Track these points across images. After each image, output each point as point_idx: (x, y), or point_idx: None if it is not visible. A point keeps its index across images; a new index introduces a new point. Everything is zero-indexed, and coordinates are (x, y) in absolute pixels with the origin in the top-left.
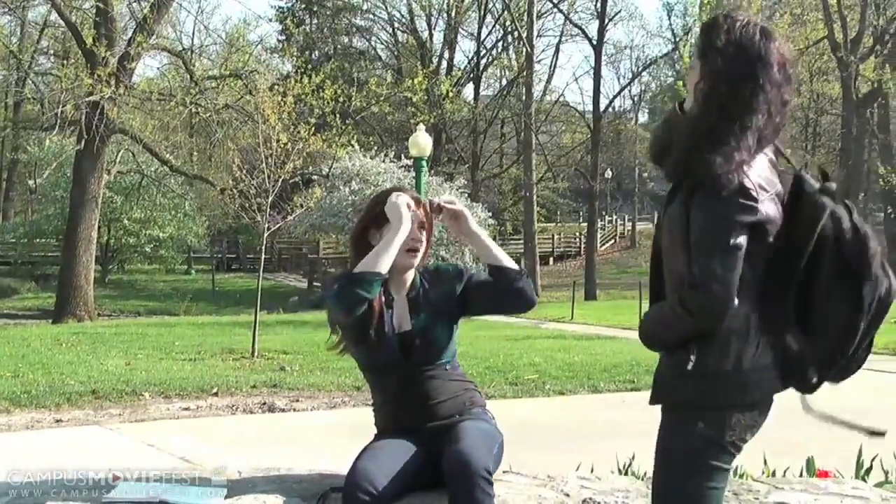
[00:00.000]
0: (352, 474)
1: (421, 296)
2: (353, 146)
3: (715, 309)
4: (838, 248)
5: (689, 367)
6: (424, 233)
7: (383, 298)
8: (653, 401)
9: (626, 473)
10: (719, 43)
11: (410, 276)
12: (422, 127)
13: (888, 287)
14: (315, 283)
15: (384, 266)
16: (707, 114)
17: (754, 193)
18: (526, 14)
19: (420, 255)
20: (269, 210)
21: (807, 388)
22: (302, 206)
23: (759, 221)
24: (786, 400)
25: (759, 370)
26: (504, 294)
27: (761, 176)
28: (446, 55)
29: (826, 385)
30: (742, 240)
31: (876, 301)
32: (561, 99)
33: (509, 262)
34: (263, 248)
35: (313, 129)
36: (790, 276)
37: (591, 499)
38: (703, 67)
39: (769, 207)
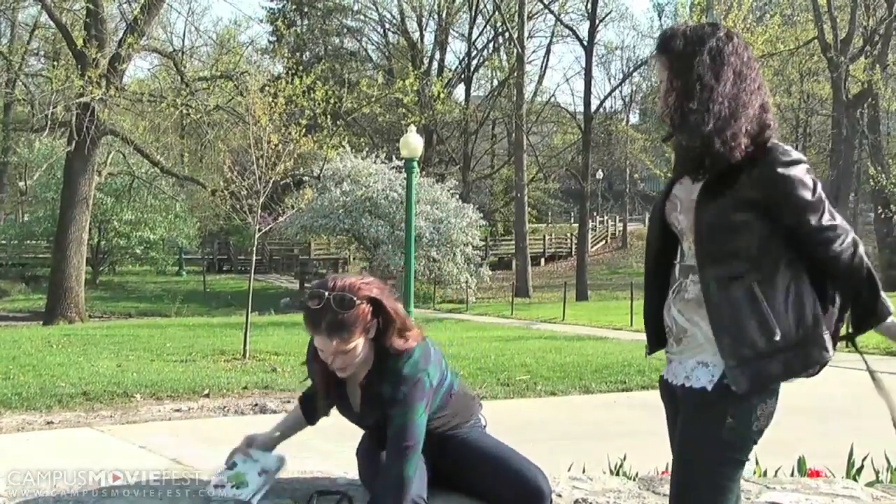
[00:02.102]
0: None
1: (372, 390)
2: (344, 147)
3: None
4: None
5: (777, 338)
6: (340, 358)
7: (335, 381)
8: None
9: (617, 474)
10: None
11: (369, 362)
12: (413, 128)
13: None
14: (306, 285)
15: None
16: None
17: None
18: (517, 15)
19: (346, 373)
20: (260, 211)
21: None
22: (293, 207)
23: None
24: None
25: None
26: None
27: None
28: (437, 56)
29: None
30: None
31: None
32: (552, 100)
33: None
34: (255, 249)
35: (304, 130)
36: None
37: (583, 499)
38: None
39: None
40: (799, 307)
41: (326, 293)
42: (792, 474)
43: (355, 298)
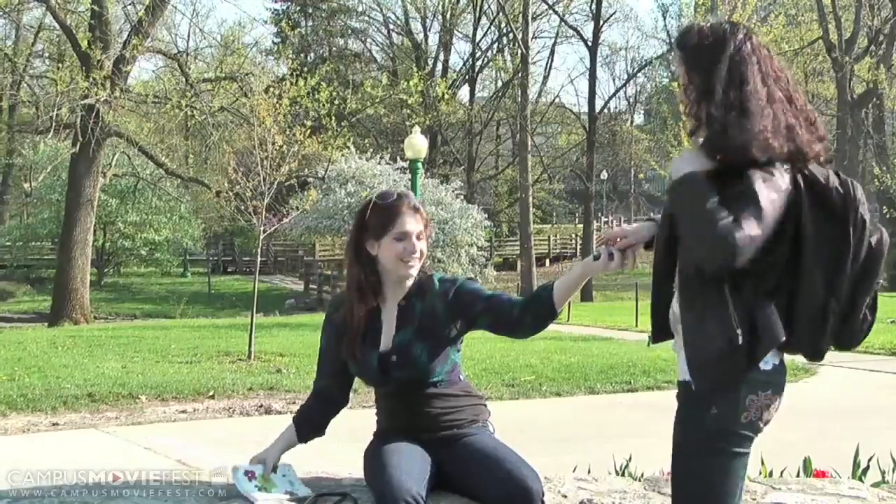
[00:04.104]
0: (390, 489)
1: (410, 308)
2: (348, 148)
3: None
4: (821, 200)
5: (740, 341)
6: (422, 242)
7: (371, 309)
8: (702, 386)
9: (622, 474)
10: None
11: (409, 283)
12: (417, 129)
13: (879, 237)
14: (311, 286)
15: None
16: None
17: None
18: (521, 16)
19: (416, 266)
20: (264, 212)
21: (811, 353)
22: (298, 208)
23: None
24: (783, 400)
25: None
26: (521, 324)
27: None
28: (441, 57)
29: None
30: None
31: (866, 248)
32: (556, 100)
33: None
34: (259, 250)
35: (309, 131)
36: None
37: (588, 500)
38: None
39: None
40: (757, 307)
41: (397, 192)
42: (798, 475)
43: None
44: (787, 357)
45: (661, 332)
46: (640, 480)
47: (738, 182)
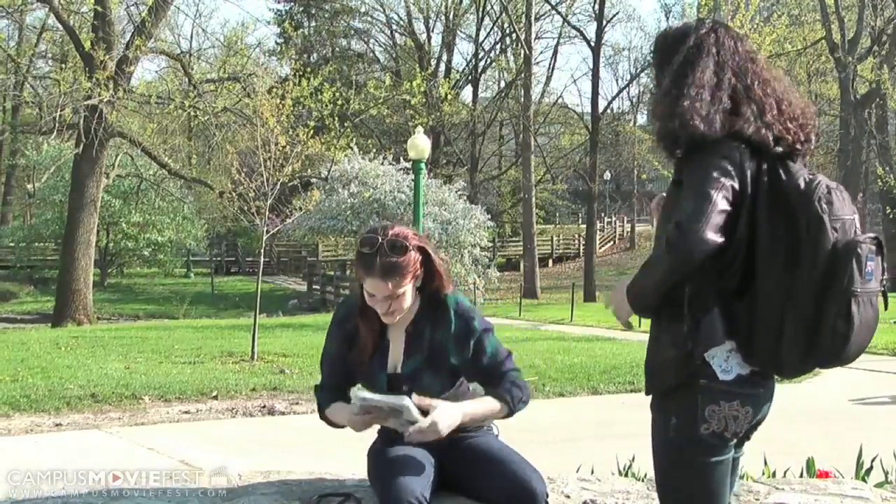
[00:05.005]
0: (395, 491)
1: (419, 335)
2: (351, 149)
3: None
4: (778, 197)
5: (690, 347)
6: (399, 298)
7: (378, 330)
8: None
9: (626, 475)
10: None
11: (413, 310)
12: (420, 129)
13: (850, 241)
14: (314, 287)
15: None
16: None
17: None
18: (524, 16)
19: (393, 318)
20: (267, 213)
21: (773, 363)
22: (301, 208)
23: None
24: (786, 401)
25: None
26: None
27: None
28: (444, 57)
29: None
30: None
31: (827, 252)
32: (559, 101)
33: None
34: (262, 251)
35: (312, 131)
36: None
37: (591, 500)
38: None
39: None
40: (714, 309)
41: (380, 239)
42: (801, 475)
43: (407, 244)
44: None
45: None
46: (643, 481)
47: (689, 173)
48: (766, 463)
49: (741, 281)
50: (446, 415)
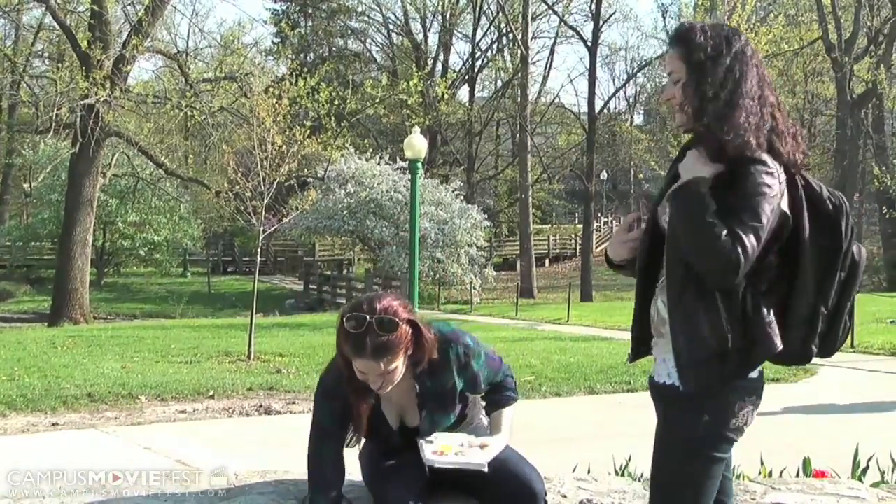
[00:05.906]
0: (392, 495)
1: (424, 393)
2: (348, 149)
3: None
4: (817, 207)
5: (730, 343)
6: (391, 373)
7: (372, 402)
8: (695, 388)
9: (622, 474)
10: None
11: (406, 380)
12: (417, 129)
13: (858, 248)
14: (311, 286)
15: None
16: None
17: None
18: (521, 16)
19: (386, 388)
20: (264, 212)
21: (801, 356)
22: (297, 208)
23: None
24: (782, 401)
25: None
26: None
27: None
28: (441, 57)
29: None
30: None
31: (850, 256)
32: (556, 101)
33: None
34: (259, 250)
35: (308, 131)
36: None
37: (588, 500)
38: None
39: None
40: (752, 310)
41: (367, 317)
42: (797, 475)
43: (397, 320)
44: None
45: (641, 345)
46: (639, 480)
47: (742, 184)
48: (762, 463)
49: (771, 282)
50: (500, 446)
